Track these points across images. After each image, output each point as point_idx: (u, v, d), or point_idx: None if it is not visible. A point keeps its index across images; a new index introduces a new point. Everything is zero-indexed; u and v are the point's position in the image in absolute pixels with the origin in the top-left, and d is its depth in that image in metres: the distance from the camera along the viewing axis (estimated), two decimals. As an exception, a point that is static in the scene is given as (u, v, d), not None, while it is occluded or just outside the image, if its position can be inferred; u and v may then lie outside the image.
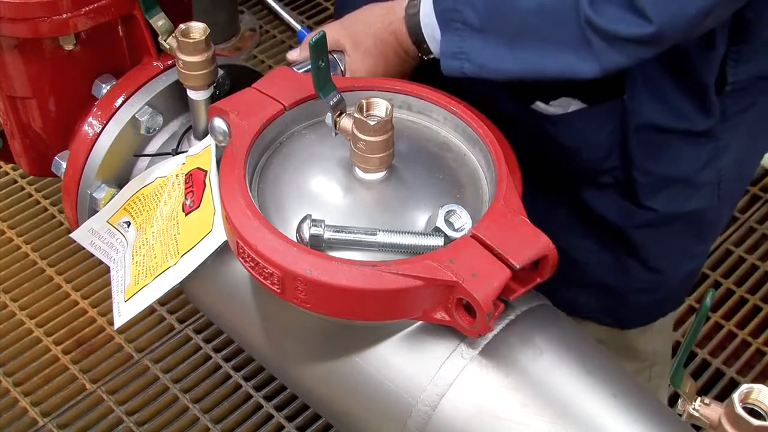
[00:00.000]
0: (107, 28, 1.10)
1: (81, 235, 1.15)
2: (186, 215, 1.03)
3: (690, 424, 0.79)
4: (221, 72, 1.08)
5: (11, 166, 2.21)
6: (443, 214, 0.87)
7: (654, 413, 0.88)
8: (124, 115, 1.11)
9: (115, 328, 1.03)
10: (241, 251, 0.88)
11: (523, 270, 0.85)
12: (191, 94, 1.06)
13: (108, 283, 1.10)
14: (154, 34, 1.09)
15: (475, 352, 0.88)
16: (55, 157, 1.18)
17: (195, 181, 1.03)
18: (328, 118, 0.94)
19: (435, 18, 1.01)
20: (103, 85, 1.14)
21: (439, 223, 0.87)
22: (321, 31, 0.88)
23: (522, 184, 0.93)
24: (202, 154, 1.05)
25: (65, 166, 1.15)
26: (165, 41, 1.08)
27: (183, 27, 1.01)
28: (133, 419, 1.75)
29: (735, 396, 0.70)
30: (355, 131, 0.88)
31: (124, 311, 1.04)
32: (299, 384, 1.04)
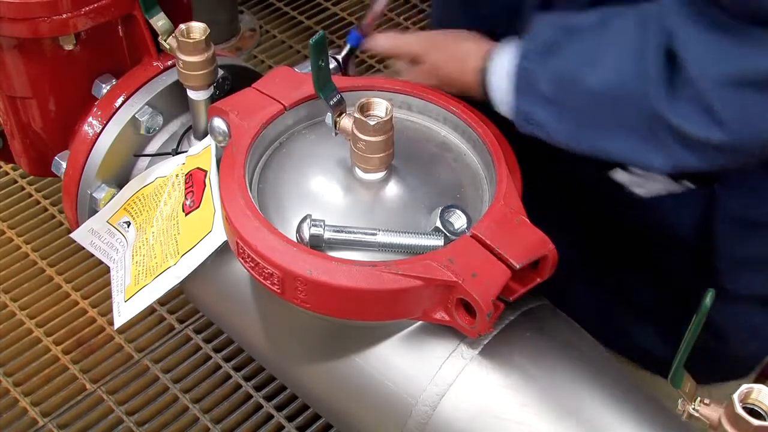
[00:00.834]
0: (107, 28, 1.10)
1: (81, 235, 1.15)
2: (186, 215, 1.03)
3: (690, 424, 0.79)
4: (221, 72, 1.08)
5: (11, 166, 2.20)
6: (443, 214, 0.87)
7: (654, 413, 0.88)
8: (124, 115, 1.11)
9: (115, 328, 1.03)
10: (241, 251, 0.88)
11: (523, 270, 0.85)
12: (191, 94, 1.06)
13: (108, 283, 1.10)
14: (154, 34, 1.09)
15: (475, 352, 0.88)
16: (55, 157, 1.18)
17: (195, 181, 1.03)
18: (328, 118, 0.94)
19: (507, 80, 0.96)
20: (103, 85, 1.14)
21: (439, 223, 0.87)
22: (321, 31, 0.88)
23: (522, 183, 0.93)
24: (202, 154, 1.05)
25: (65, 166, 1.15)
26: (165, 41, 1.08)
27: (183, 27, 1.01)
28: (133, 419, 1.75)
29: (735, 396, 0.70)
30: (355, 131, 0.88)
31: (124, 311, 1.04)
32: (299, 384, 1.04)
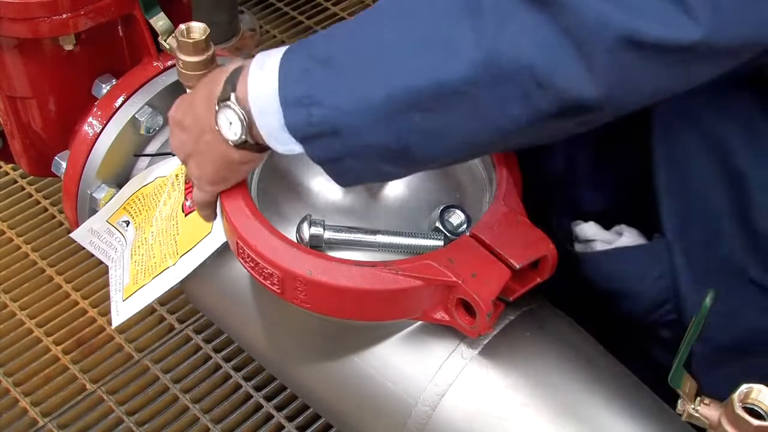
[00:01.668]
0: (107, 28, 1.10)
1: (81, 235, 1.15)
2: (186, 216, 1.03)
3: (690, 424, 0.78)
4: (221, 72, 1.08)
5: (11, 166, 2.20)
6: (443, 214, 0.87)
7: (654, 413, 0.88)
8: (124, 115, 1.11)
9: (113, 326, 1.03)
10: (241, 251, 0.88)
11: (523, 270, 0.85)
12: (191, 94, 1.06)
13: (108, 283, 1.10)
14: (154, 34, 1.09)
15: (475, 352, 0.88)
16: (55, 157, 1.18)
17: (195, 182, 1.03)
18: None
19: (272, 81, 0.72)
20: (103, 85, 1.14)
21: (439, 223, 0.87)
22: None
23: (522, 183, 0.93)
24: (202, 154, 1.05)
25: (65, 166, 1.15)
26: (165, 41, 1.08)
27: (183, 27, 1.01)
28: (133, 419, 1.74)
29: (735, 396, 0.70)
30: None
31: (122, 310, 1.04)
32: (299, 384, 1.04)
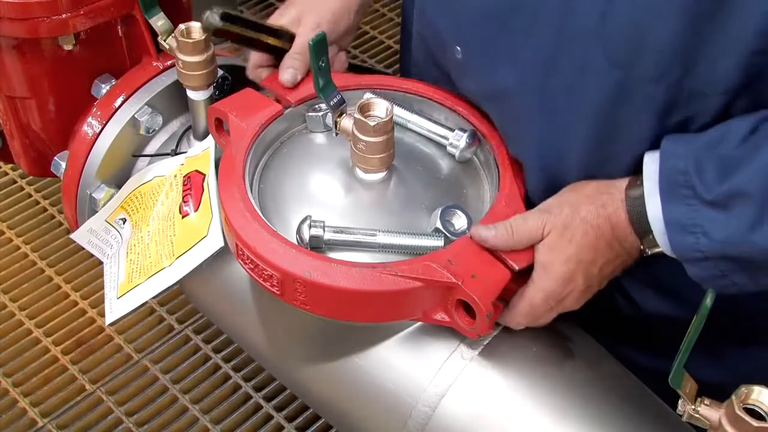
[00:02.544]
0: (107, 28, 1.10)
1: (80, 236, 1.14)
2: (183, 218, 1.03)
3: (690, 424, 0.78)
4: (221, 72, 1.08)
5: (11, 166, 2.20)
6: (443, 214, 0.87)
7: (654, 413, 0.88)
8: (123, 116, 1.11)
9: (107, 323, 1.03)
10: (241, 253, 0.88)
11: (523, 271, 0.85)
12: (191, 94, 1.05)
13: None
14: (153, 34, 1.09)
15: (475, 352, 0.88)
16: (55, 158, 1.18)
17: (193, 184, 1.03)
18: (328, 118, 0.94)
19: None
20: (103, 85, 1.14)
21: (440, 224, 0.87)
22: (321, 32, 0.88)
23: (523, 184, 0.93)
24: (201, 155, 1.04)
25: (65, 166, 1.15)
26: (165, 41, 1.07)
27: (182, 27, 1.01)
28: (133, 420, 1.74)
29: (735, 397, 0.70)
30: (356, 132, 0.88)
31: (116, 308, 1.04)
32: (299, 384, 1.04)
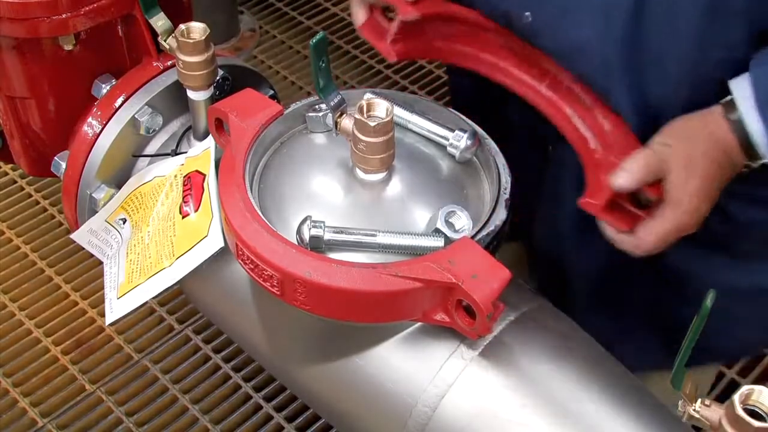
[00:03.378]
0: (107, 28, 1.10)
1: (80, 236, 1.15)
2: (183, 218, 1.03)
3: (690, 425, 0.78)
4: (221, 72, 1.08)
5: (11, 166, 2.20)
6: (444, 215, 0.87)
7: (654, 414, 0.88)
8: (123, 116, 1.11)
9: (107, 323, 1.03)
10: (241, 253, 0.88)
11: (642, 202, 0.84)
12: (191, 94, 1.05)
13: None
14: (153, 34, 1.09)
15: (475, 353, 0.88)
16: (55, 158, 1.18)
17: (194, 185, 1.03)
18: (329, 118, 0.94)
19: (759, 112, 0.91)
20: (103, 85, 1.14)
21: (440, 224, 0.87)
22: (321, 32, 0.88)
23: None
24: (201, 156, 1.04)
25: (65, 166, 1.15)
26: (165, 41, 1.07)
27: (183, 27, 1.01)
28: (133, 420, 1.75)
29: (735, 397, 0.70)
30: (356, 132, 0.88)
31: (116, 308, 1.04)
32: (299, 385, 1.04)
